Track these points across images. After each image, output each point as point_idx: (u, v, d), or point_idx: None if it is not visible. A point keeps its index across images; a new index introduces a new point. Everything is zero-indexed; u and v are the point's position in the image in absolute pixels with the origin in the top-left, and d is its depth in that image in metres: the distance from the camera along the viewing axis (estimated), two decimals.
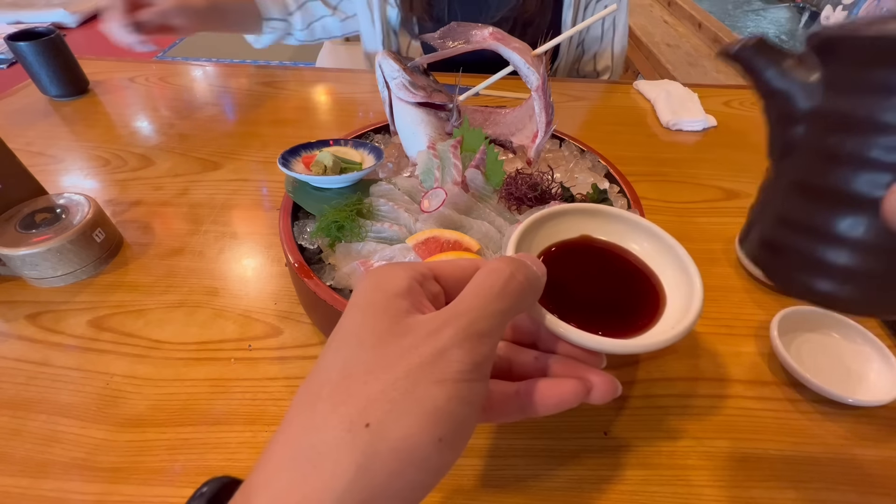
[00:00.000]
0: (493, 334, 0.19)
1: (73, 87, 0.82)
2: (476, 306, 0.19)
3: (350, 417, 0.16)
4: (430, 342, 0.17)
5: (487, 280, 0.20)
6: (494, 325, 0.19)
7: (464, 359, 0.17)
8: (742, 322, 0.49)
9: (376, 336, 0.18)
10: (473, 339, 0.18)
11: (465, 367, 0.17)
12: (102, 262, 0.52)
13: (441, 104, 0.53)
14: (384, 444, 0.16)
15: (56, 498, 0.35)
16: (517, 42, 0.51)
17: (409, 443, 0.16)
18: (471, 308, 0.19)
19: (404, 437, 0.16)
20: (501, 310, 0.19)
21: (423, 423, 0.16)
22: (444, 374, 0.17)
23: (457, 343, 0.17)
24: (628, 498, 0.36)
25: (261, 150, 0.73)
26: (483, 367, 0.18)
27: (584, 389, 0.23)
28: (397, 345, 0.18)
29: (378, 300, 0.19)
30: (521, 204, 0.45)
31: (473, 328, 0.18)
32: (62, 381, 0.42)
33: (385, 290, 0.19)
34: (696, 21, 1.54)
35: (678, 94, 0.86)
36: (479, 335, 0.18)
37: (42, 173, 0.55)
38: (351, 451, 0.16)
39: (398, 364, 0.17)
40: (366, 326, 0.18)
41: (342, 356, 0.18)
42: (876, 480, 0.37)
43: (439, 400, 0.17)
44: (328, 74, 0.96)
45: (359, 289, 0.21)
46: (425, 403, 0.17)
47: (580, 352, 0.24)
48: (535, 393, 0.23)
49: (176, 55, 2.59)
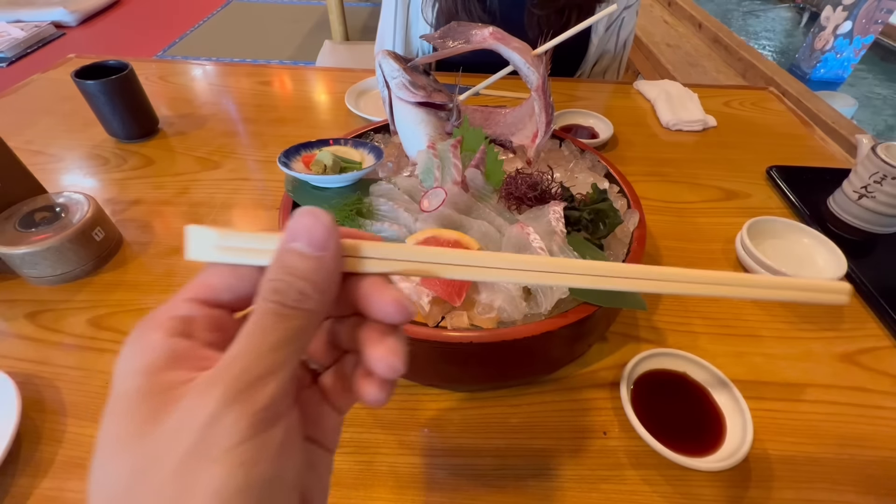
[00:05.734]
0: (279, 368, 0.15)
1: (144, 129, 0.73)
2: (248, 348, 0.15)
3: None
4: (194, 416, 0.14)
5: (255, 312, 0.16)
6: (280, 358, 0.15)
7: (240, 418, 0.14)
8: (742, 322, 0.49)
9: (136, 433, 0.14)
10: (250, 388, 0.14)
11: (242, 426, 0.14)
12: (102, 261, 0.52)
13: (441, 104, 0.53)
14: None
15: (55, 497, 0.35)
16: (517, 42, 0.51)
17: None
18: (241, 352, 0.15)
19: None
20: (285, 338, 0.16)
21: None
22: (217, 449, 0.14)
23: (226, 403, 0.14)
24: (628, 498, 0.36)
25: (261, 150, 0.73)
26: (271, 409, 0.15)
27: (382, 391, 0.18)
28: (160, 432, 0.14)
29: (131, 389, 0.15)
30: (520, 204, 0.45)
31: (246, 376, 0.15)
32: (61, 380, 0.42)
33: (136, 372, 0.15)
34: (697, 21, 1.54)
35: (678, 94, 0.86)
36: (257, 379, 0.15)
37: (41, 172, 0.55)
38: None
39: (166, 458, 0.14)
40: (121, 426, 0.15)
41: (104, 473, 0.15)
42: (875, 480, 0.37)
43: (217, 483, 0.13)
44: (328, 74, 0.96)
45: (114, 377, 0.16)
46: (203, 496, 0.13)
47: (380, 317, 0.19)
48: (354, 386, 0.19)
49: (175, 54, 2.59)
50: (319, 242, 0.17)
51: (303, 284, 0.16)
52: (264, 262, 0.17)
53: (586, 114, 0.78)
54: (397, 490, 0.36)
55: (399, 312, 0.18)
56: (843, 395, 0.43)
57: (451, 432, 0.40)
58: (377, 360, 0.18)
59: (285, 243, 0.17)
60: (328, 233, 0.17)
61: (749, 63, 1.28)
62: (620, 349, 0.46)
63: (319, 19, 2.96)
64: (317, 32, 2.83)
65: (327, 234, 0.17)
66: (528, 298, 0.38)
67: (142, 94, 0.71)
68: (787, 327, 0.49)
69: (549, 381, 0.43)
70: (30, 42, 2.43)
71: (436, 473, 0.37)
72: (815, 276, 0.49)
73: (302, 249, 0.16)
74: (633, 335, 0.47)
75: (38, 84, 0.86)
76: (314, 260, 0.17)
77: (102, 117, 0.70)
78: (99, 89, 0.66)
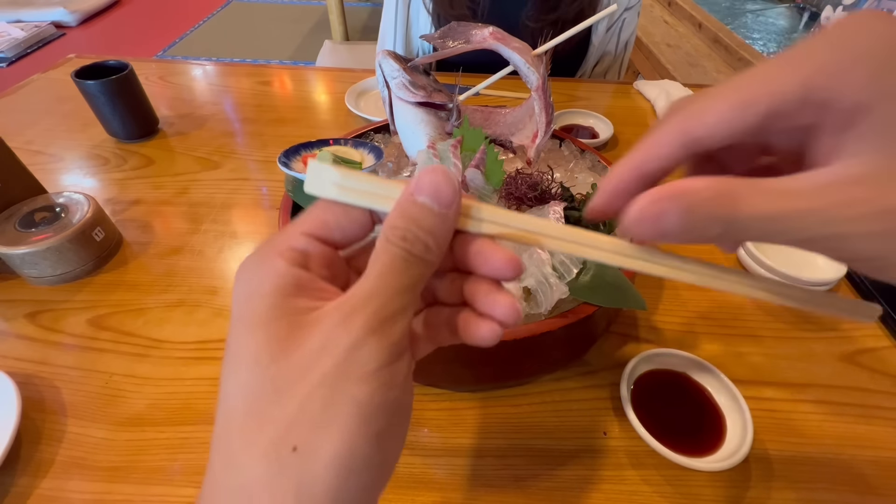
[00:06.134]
0: (406, 309, 0.17)
1: (143, 129, 0.73)
2: (383, 287, 0.17)
3: (272, 446, 0.15)
4: (340, 339, 0.16)
5: (385, 253, 0.17)
6: (407, 300, 0.17)
7: (380, 348, 0.16)
8: (742, 322, 0.49)
9: (273, 349, 0.16)
10: (386, 323, 0.16)
11: (382, 355, 0.16)
12: (102, 261, 0.52)
13: (441, 104, 0.53)
14: (317, 463, 0.15)
15: (55, 497, 0.35)
16: (517, 42, 0.51)
17: (343, 453, 0.15)
18: (377, 290, 0.17)
19: (337, 449, 0.15)
20: (411, 283, 0.17)
21: (353, 429, 0.15)
22: (361, 370, 0.16)
23: (369, 333, 0.16)
24: (628, 498, 0.36)
25: (260, 150, 0.73)
26: (400, 343, 0.17)
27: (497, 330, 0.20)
28: (302, 351, 0.16)
29: (261, 309, 0.16)
30: (521, 204, 0.45)
31: (383, 312, 0.16)
32: (61, 380, 0.42)
33: (266, 294, 0.17)
34: (697, 21, 1.54)
35: (678, 94, 0.86)
36: (392, 316, 0.17)
37: (41, 172, 0.55)
38: (282, 481, 0.15)
39: (310, 373, 0.15)
40: (256, 342, 0.16)
41: (241, 381, 0.16)
42: (875, 481, 0.37)
43: (363, 397, 0.15)
44: (328, 74, 0.96)
45: (237, 298, 0.17)
46: (349, 407, 0.15)
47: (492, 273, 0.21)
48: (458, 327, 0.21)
49: (175, 54, 2.60)
50: (446, 200, 0.18)
51: (427, 237, 0.18)
52: (381, 207, 0.18)
53: (586, 114, 0.78)
54: (397, 490, 0.36)
55: (513, 270, 0.19)
56: (843, 395, 0.43)
57: (451, 432, 0.40)
58: (501, 307, 0.19)
59: (411, 195, 0.18)
60: (455, 193, 0.18)
61: (749, 63, 1.28)
62: (620, 349, 0.46)
63: (319, 19, 2.96)
64: (317, 32, 2.84)
65: (454, 194, 0.18)
66: (528, 298, 0.38)
67: (142, 94, 0.71)
68: (787, 327, 0.49)
69: (549, 381, 0.43)
70: (30, 42, 2.43)
71: (436, 473, 0.37)
72: (815, 276, 0.50)
73: (430, 204, 0.18)
74: (633, 335, 0.47)
75: (38, 84, 0.86)
76: (440, 217, 0.18)
77: (102, 117, 0.70)
78: (99, 89, 0.66)
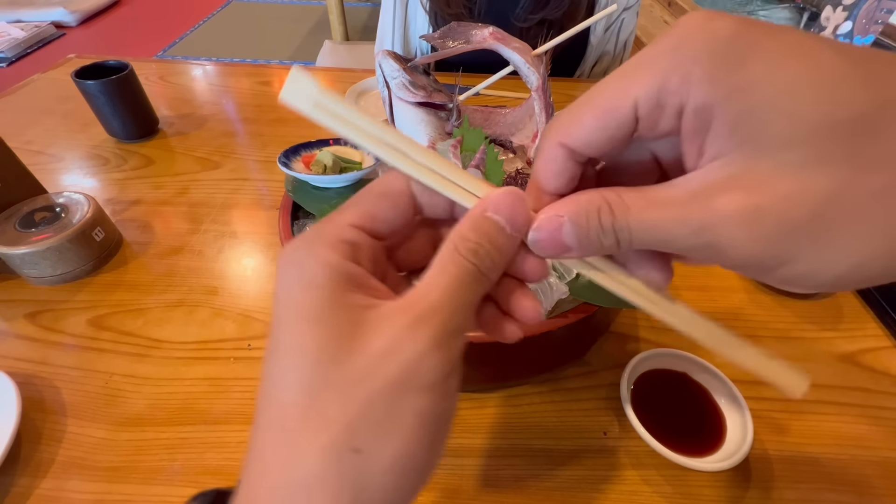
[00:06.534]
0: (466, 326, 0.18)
1: (143, 129, 0.73)
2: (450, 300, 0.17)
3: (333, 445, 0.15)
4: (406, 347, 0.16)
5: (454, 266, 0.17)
6: (467, 316, 0.17)
7: (442, 361, 0.16)
8: (742, 322, 0.49)
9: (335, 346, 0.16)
10: (451, 337, 0.17)
11: (445, 369, 0.16)
12: (102, 261, 0.52)
13: (441, 104, 0.53)
14: (377, 466, 0.15)
15: (55, 497, 0.35)
16: (517, 42, 0.51)
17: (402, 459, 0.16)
18: (444, 303, 0.17)
19: (397, 455, 0.15)
20: (473, 300, 0.17)
21: (413, 437, 0.16)
22: (424, 381, 0.16)
23: (434, 346, 0.16)
24: (628, 498, 0.36)
25: (261, 150, 0.73)
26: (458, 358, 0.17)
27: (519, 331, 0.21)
28: (366, 353, 0.16)
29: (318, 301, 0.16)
30: None
31: (449, 326, 0.16)
32: (61, 380, 0.42)
33: (322, 286, 0.16)
34: None
35: None
36: (455, 331, 0.17)
37: (41, 172, 0.55)
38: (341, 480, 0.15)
39: (373, 377, 0.15)
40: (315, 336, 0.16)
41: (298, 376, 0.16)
42: (875, 481, 0.37)
43: (425, 407, 0.16)
44: (328, 74, 0.96)
45: (286, 287, 0.17)
46: (412, 417, 0.16)
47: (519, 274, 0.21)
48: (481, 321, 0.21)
49: (175, 54, 2.60)
50: (520, 225, 0.18)
51: (498, 257, 0.18)
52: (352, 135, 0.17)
53: None
54: None
55: (540, 273, 0.20)
56: (844, 395, 0.43)
57: (451, 432, 0.40)
58: (526, 310, 0.20)
59: (486, 211, 0.18)
60: (527, 219, 0.18)
61: None
62: (620, 349, 0.46)
63: (319, 19, 2.96)
64: (317, 32, 2.83)
65: (526, 220, 0.18)
66: None
67: (142, 95, 0.71)
68: (787, 327, 0.49)
69: (549, 381, 0.43)
70: (30, 42, 2.43)
71: (436, 473, 0.37)
72: None
73: (503, 225, 0.18)
74: (633, 335, 0.47)
75: (38, 84, 0.86)
76: (512, 239, 0.18)
77: (102, 117, 0.70)
78: (99, 89, 0.66)
